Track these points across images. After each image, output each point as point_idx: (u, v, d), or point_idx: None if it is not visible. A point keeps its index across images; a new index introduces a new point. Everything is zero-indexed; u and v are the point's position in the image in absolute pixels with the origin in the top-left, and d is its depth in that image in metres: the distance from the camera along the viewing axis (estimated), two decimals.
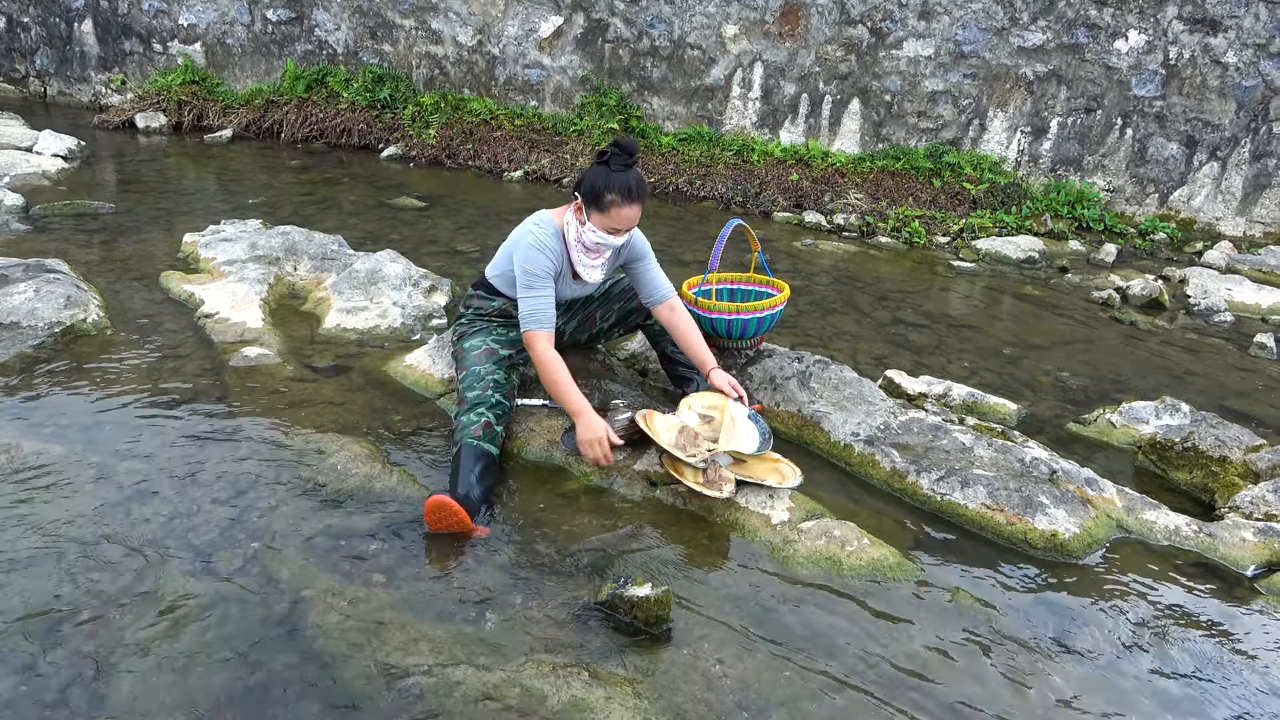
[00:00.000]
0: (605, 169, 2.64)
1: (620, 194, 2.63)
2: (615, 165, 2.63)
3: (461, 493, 2.43)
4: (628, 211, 2.66)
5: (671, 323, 2.93)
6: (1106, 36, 6.24)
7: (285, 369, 3.26)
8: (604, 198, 2.64)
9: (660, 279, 2.94)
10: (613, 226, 2.69)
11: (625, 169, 2.64)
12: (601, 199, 2.64)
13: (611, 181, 2.63)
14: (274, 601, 2.08)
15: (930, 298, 4.90)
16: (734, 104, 7.21)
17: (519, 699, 1.84)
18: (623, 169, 2.64)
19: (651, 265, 2.93)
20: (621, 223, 2.69)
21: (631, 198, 2.65)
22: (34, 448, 2.61)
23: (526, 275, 2.71)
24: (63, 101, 8.84)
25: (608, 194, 2.63)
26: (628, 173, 2.64)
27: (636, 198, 2.67)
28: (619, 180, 2.63)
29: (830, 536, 2.43)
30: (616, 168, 2.63)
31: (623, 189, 2.63)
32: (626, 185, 2.63)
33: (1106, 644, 2.18)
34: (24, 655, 1.87)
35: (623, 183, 2.63)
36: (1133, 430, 3.23)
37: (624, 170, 2.64)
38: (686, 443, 2.64)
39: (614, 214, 2.66)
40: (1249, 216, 6.26)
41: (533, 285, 2.71)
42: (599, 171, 2.65)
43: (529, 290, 2.71)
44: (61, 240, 4.62)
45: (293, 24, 8.06)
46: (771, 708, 1.88)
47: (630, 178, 2.64)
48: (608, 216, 2.67)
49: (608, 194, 2.63)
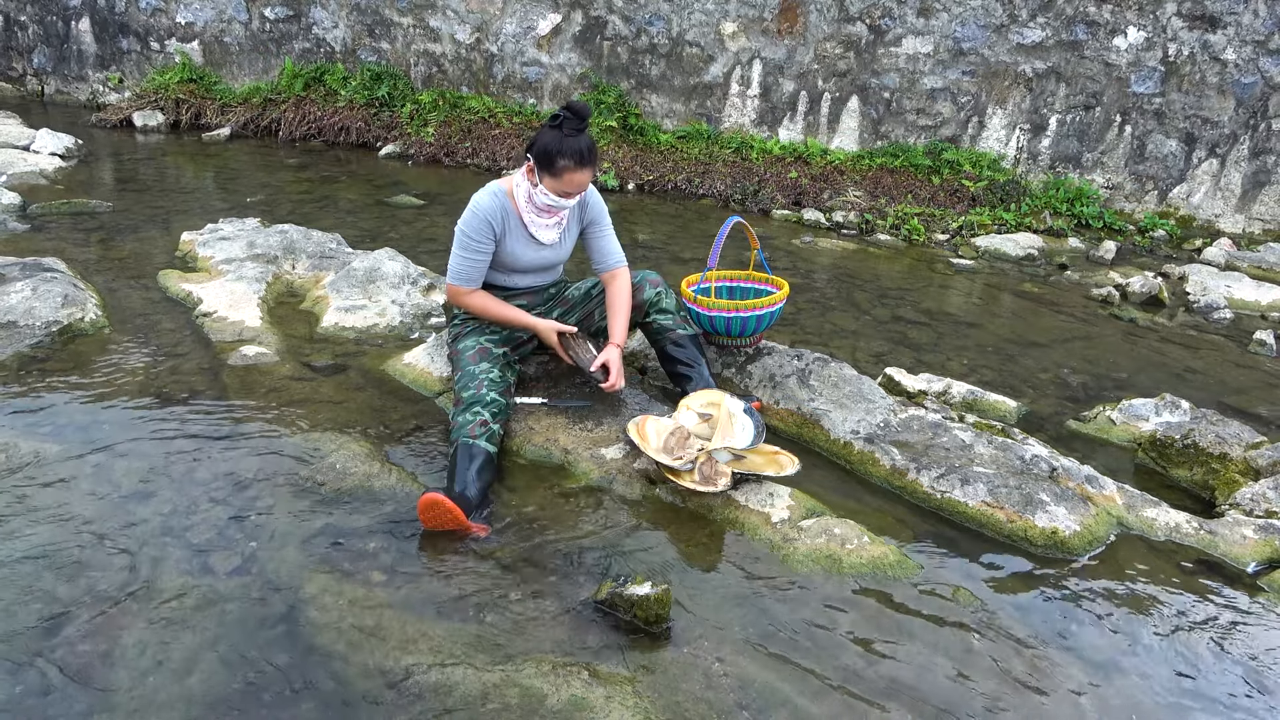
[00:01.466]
0: (558, 133, 2.66)
1: (573, 159, 2.66)
2: (568, 130, 2.65)
3: (458, 491, 2.43)
4: (579, 176, 2.70)
5: (609, 292, 2.99)
6: (1106, 33, 6.24)
7: (283, 368, 3.25)
8: (556, 162, 2.67)
9: (612, 247, 3.00)
10: (564, 190, 2.74)
11: (577, 133, 2.66)
12: (554, 163, 2.67)
13: (564, 146, 2.65)
14: (272, 600, 2.07)
15: (929, 295, 4.89)
16: (733, 101, 7.20)
17: (518, 698, 1.83)
18: (575, 133, 2.65)
19: (606, 231, 3.00)
20: (573, 187, 2.74)
21: (584, 162, 2.68)
22: (31, 447, 2.60)
23: (462, 236, 2.80)
24: (60, 100, 8.82)
25: (560, 159, 2.66)
26: (580, 137, 2.66)
27: (588, 162, 2.69)
28: (571, 145, 2.65)
29: (830, 535, 2.42)
30: (569, 132, 2.65)
31: (575, 154, 2.65)
32: (579, 150, 2.65)
33: (1107, 642, 2.17)
34: (22, 655, 1.87)
35: (575, 147, 2.65)
36: (1133, 427, 3.23)
37: (576, 135, 2.66)
38: (677, 444, 2.64)
39: (566, 178, 2.70)
40: (1248, 213, 6.25)
41: (466, 246, 2.79)
42: (551, 135, 2.66)
43: (460, 250, 2.80)
44: (59, 239, 4.61)
45: (290, 22, 8.04)
46: (772, 707, 1.88)
47: (582, 142, 2.66)
48: (559, 181, 2.71)
49: (560, 159, 2.66)
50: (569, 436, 2.86)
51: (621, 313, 2.95)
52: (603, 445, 2.81)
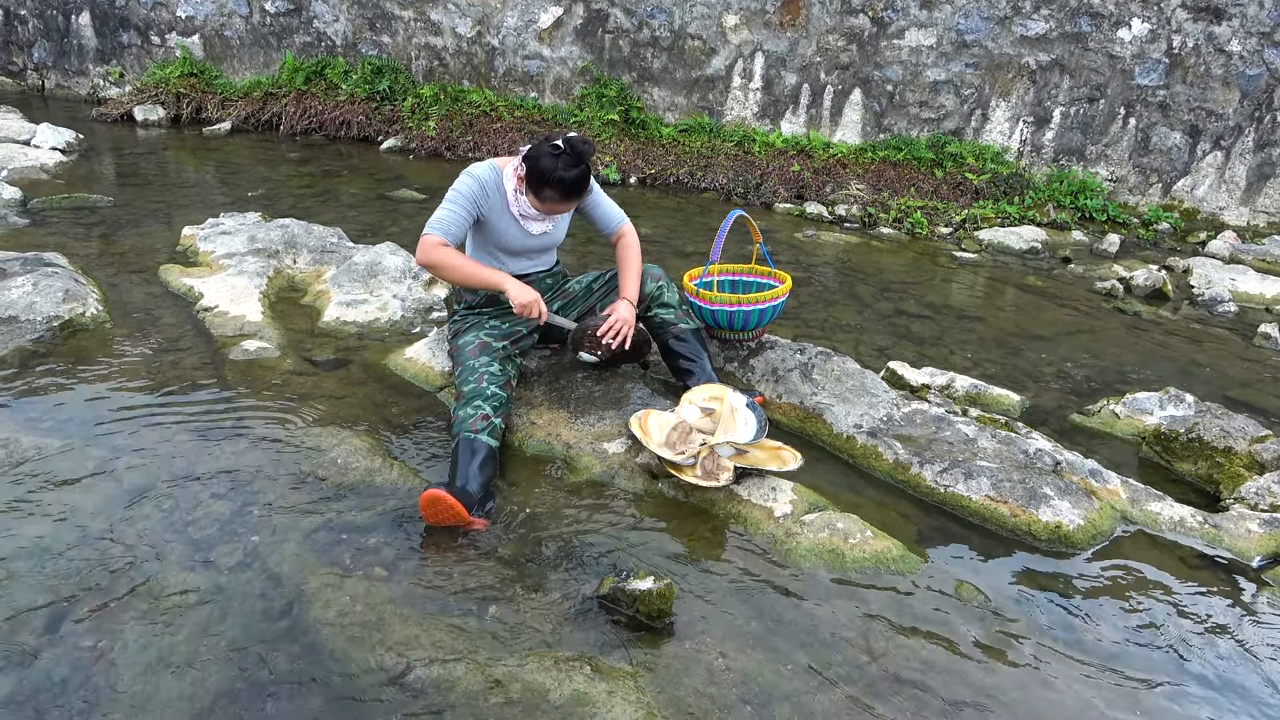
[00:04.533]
0: (554, 162, 2.66)
1: (559, 191, 2.70)
2: (564, 164, 2.66)
3: (459, 486, 2.42)
4: (561, 207, 2.78)
5: (618, 249, 3.05)
6: (1110, 25, 6.20)
7: (285, 362, 3.24)
8: (543, 190, 2.71)
9: (612, 211, 3.04)
10: (543, 214, 2.82)
11: (570, 168, 2.67)
12: (540, 190, 2.72)
13: (555, 178, 2.67)
14: (274, 596, 2.07)
15: (933, 289, 4.88)
16: (735, 95, 7.18)
17: (521, 693, 1.83)
18: (569, 168, 2.67)
19: (600, 201, 3.02)
20: (553, 214, 2.83)
21: (569, 197, 2.72)
22: (33, 442, 2.60)
23: (451, 192, 2.79)
24: (60, 94, 8.81)
25: (547, 189, 2.70)
26: (572, 172, 2.67)
27: (574, 197, 2.74)
28: (561, 178, 2.67)
29: (833, 529, 2.42)
30: (564, 166, 2.66)
31: (562, 187, 2.68)
32: (567, 185, 2.68)
33: (1111, 636, 2.16)
34: (24, 650, 1.86)
35: (565, 181, 2.67)
36: (1137, 421, 3.21)
37: (569, 169, 2.67)
38: (678, 439, 2.64)
39: (549, 205, 2.76)
40: (1253, 206, 6.23)
41: (452, 200, 2.78)
42: (548, 163, 2.67)
43: (445, 204, 2.78)
44: (60, 234, 4.60)
45: (291, 16, 8.02)
46: (774, 701, 1.87)
47: (572, 177, 2.67)
48: (543, 205, 2.77)
49: (547, 189, 2.70)
50: (571, 431, 2.85)
51: (632, 267, 2.97)
52: (605, 440, 2.81)
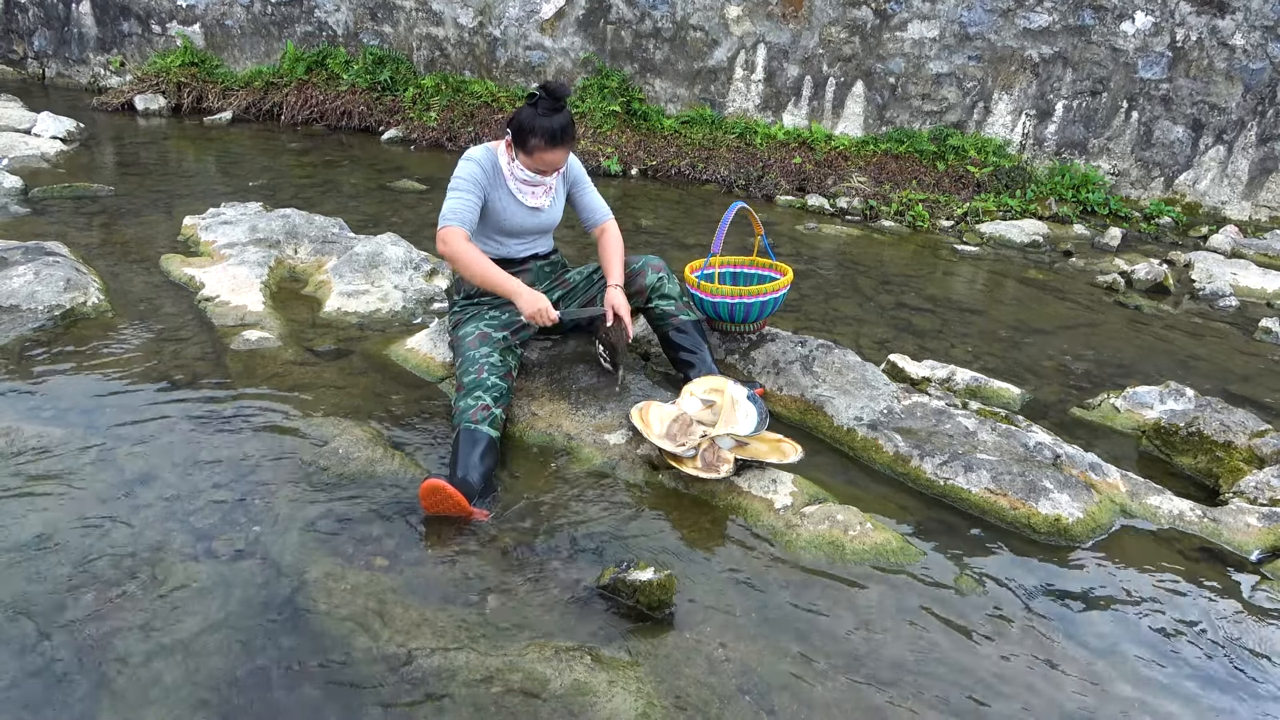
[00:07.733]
0: (533, 111, 2.66)
1: (544, 138, 2.67)
2: (542, 109, 2.65)
3: (460, 476, 2.43)
4: (551, 155, 2.73)
5: (601, 242, 3.03)
6: (1113, 18, 6.18)
7: (286, 352, 3.25)
8: (529, 141, 2.69)
9: (597, 203, 3.06)
10: (538, 167, 2.77)
11: (552, 113, 2.65)
12: (526, 142, 2.70)
13: (537, 125, 2.65)
14: (276, 585, 2.08)
15: (934, 282, 4.87)
16: (736, 86, 7.16)
17: (521, 682, 1.83)
18: (549, 113, 2.65)
19: (588, 189, 3.04)
20: (546, 165, 2.77)
21: (555, 141, 2.69)
22: (34, 431, 2.60)
23: (454, 180, 2.80)
24: (61, 83, 8.79)
25: (532, 137, 2.67)
26: (554, 117, 2.65)
27: (561, 142, 2.70)
28: (544, 124, 2.65)
29: (833, 521, 2.42)
30: (543, 111, 2.65)
31: (547, 134, 2.66)
32: (551, 130, 2.66)
33: (1110, 629, 2.17)
34: (26, 639, 1.87)
35: (547, 127, 2.65)
36: (1137, 415, 3.22)
37: (550, 114, 2.65)
38: (679, 431, 2.64)
39: (538, 157, 2.73)
40: (1255, 200, 6.22)
41: (458, 189, 2.79)
42: (527, 113, 2.67)
43: (453, 193, 2.79)
44: (61, 223, 4.60)
45: (292, 5, 7.99)
46: (774, 692, 1.88)
47: (555, 122, 2.66)
48: (532, 159, 2.74)
49: (532, 137, 2.67)
50: (572, 422, 2.85)
51: (616, 256, 2.97)
52: (606, 431, 2.81)
